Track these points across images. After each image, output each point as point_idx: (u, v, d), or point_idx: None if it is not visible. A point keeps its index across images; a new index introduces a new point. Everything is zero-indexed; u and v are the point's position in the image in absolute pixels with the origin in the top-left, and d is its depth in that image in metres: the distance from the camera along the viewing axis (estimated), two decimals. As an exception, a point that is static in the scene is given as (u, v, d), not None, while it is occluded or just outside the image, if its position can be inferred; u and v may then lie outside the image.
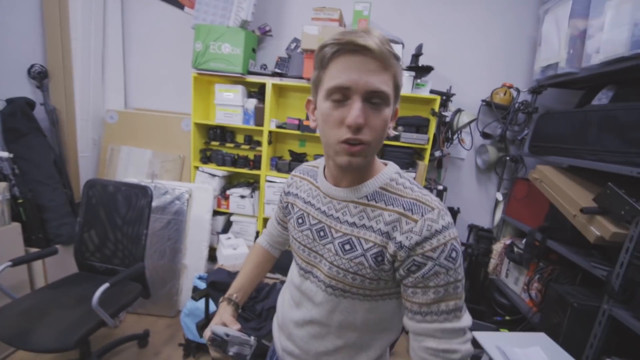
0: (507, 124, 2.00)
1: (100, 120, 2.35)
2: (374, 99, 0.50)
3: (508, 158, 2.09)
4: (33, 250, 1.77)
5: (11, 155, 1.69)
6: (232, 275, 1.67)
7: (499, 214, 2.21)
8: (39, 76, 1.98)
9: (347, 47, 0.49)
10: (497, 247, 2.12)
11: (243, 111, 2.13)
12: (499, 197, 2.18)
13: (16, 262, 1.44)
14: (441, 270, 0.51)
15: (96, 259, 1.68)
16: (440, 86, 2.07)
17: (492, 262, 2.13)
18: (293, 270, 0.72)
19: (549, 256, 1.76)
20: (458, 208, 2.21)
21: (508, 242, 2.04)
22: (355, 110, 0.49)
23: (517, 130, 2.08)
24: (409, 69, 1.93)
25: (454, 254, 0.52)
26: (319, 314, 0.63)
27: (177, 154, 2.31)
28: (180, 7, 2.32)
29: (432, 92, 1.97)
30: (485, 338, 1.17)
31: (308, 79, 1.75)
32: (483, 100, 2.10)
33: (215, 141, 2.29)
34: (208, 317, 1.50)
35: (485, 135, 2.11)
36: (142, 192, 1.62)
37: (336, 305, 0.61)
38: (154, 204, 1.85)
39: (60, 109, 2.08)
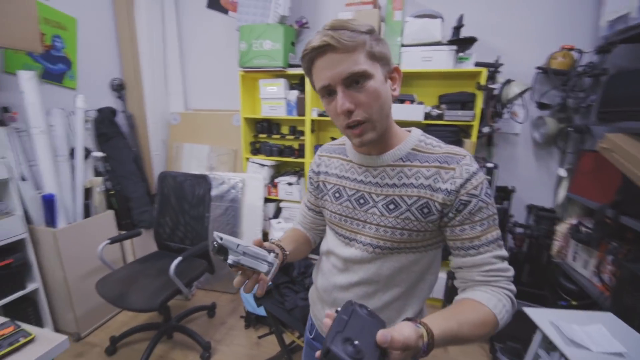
0: (569, 90, 1.80)
1: (165, 122, 2.69)
2: (354, 81, 0.55)
3: (571, 129, 1.88)
4: (123, 232, 2.14)
5: (104, 155, 2.05)
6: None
7: (562, 192, 2.01)
8: (118, 88, 2.35)
9: (315, 53, 0.56)
10: (562, 228, 1.93)
11: (286, 103, 2.26)
12: (562, 173, 1.97)
13: (112, 241, 1.78)
14: (483, 205, 0.58)
15: (170, 240, 1.97)
16: (488, 57, 1.93)
17: (556, 245, 1.95)
18: (331, 242, 0.75)
19: (623, 235, 1.57)
20: (513, 187, 2.06)
21: (574, 222, 1.85)
22: (339, 99, 0.56)
23: (581, 97, 1.85)
24: (450, 42, 1.84)
25: (489, 191, 0.60)
26: (366, 273, 0.68)
27: (230, 147, 2.54)
28: (225, 11, 2.52)
29: (477, 64, 1.86)
30: (538, 313, 1.10)
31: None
32: (538, 68, 1.91)
33: (263, 133, 2.46)
34: (263, 290, 1.66)
35: (542, 105, 1.92)
36: (202, 180, 1.85)
37: (383, 263, 0.66)
38: (213, 193, 2.08)
39: (135, 114, 2.45)
